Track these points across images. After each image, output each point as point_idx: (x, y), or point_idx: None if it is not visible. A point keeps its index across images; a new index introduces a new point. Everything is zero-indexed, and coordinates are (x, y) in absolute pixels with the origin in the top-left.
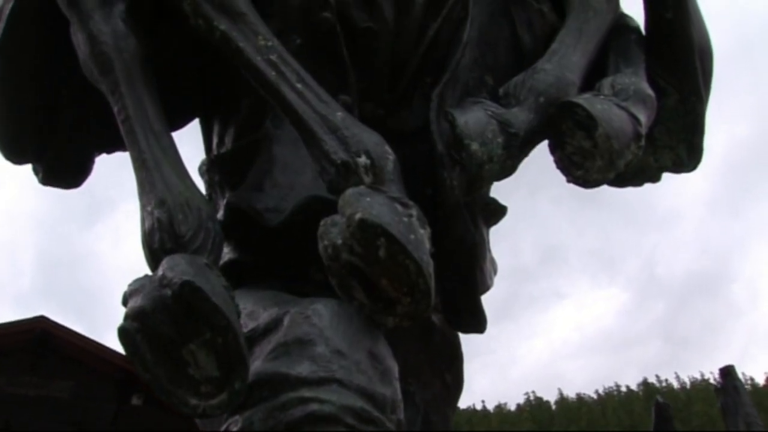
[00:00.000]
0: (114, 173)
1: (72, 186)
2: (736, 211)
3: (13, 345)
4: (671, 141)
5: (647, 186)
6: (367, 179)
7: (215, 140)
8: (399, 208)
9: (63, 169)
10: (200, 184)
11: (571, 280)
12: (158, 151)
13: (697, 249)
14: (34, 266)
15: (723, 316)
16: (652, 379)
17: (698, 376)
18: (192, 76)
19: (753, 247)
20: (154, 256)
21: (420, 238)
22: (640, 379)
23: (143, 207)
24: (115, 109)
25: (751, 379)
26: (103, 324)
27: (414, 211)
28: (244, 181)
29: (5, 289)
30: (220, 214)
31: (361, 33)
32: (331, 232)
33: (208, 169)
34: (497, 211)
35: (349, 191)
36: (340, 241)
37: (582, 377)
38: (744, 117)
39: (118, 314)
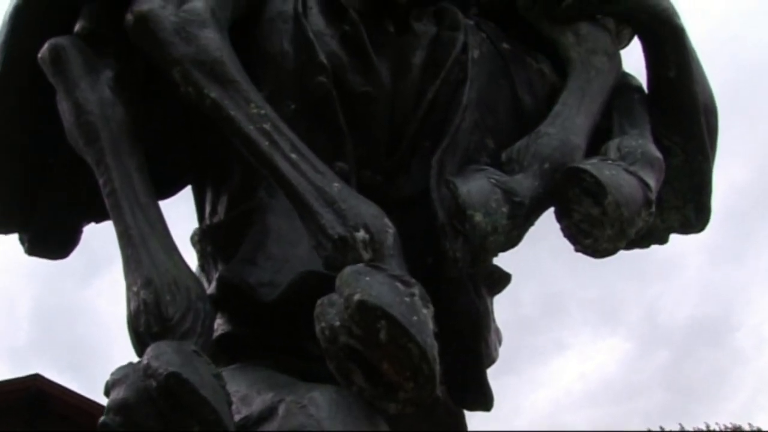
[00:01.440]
0: (112, 228)
1: (58, 257)
2: (737, 257)
3: (6, 404)
4: (678, 202)
5: None
6: (366, 255)
7: (208, 208)
8: (400, 287)
9: (50, 238)
10: (192, 255)
11: (573, 331)
12: (145, 226)
13: (699, 297)
14: (30, 320)
15: (728, 364)
16: (656, 429)
17: (703, 427)
18: (183, 141)
19: (756, 294)
20: (139, 339)
21: (423, 319)
22: (644, 429)
23: (129, 287)
24: (101, 181)
25: (759, 429)
26: (100, 381)
27: (416, 290)
28: (237, 252)
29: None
30: (212, 287)
31: (357, 98)
32: (329, 313)
33: (200, 239)
34: (501, 279)
35: (347, 270)
36: (338, 323)
37: (586, 428)
38: (741, 162)
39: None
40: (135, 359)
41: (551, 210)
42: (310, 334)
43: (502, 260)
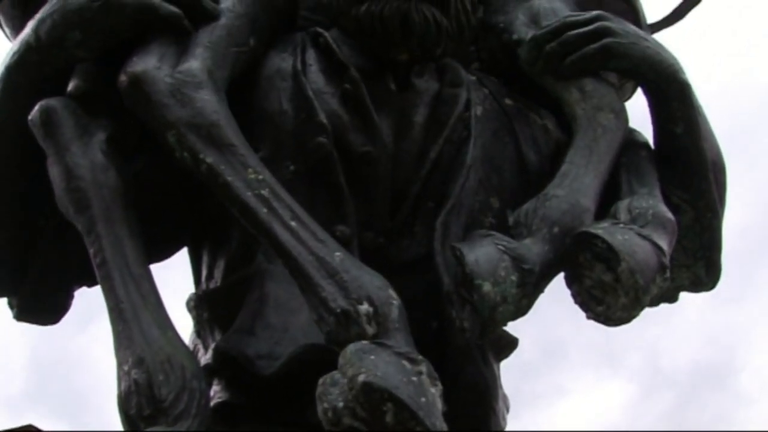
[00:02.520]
0: None
1: (48, 323)
2: (739, 299)
3: None
4: (688, 260)
5: None
6: (370, 329)
7: (204, 272)
8: (407, 365)
9: (40, 303)
10: (186, 324)
11: (574, 375)
12: (137, 299)
13: (701, 339)
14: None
15: (733, 407)
16: None
17: None
18: (179, 202)
19: (758, 335)
20: (130, 422)
21: (431, 400)
22: None
23: (119, 365)
24: (91, 251)
25: None
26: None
27: (424, 368)
28: (234, 321)
29: None
30: (208, 356)
31: (358, 158)
32: (331, 393)
33: (196, 305)
34: (509, 344)
35: (351, 348)
36: (341, 404)
37: None
38: (740, 203)
39: (111, 420)
40: None
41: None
42: (310, 402)
43: None
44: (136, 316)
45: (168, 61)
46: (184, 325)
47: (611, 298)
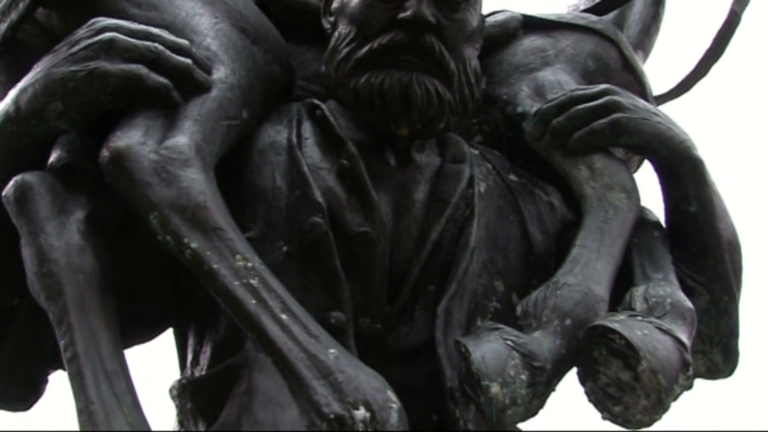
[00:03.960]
0: None
1: (21, 408)
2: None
3: None
4: (704, 346)
5: None
6: None
7: (189, 356)
8: None
9: (11, 389)
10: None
11: None
12: (110, 400)
13: None
14: None
15: None
16: None
17: None
18: (165, 281)
19: None
20: None
21: None
22: None
23: None
24: (62, 344)
25: None
26: None
27: None
28: (219, 413)
29: None
30: None
31: (355, 239)
32: None
33: (179, 393)
34: None
35: None
36: None
37: None
38: None
39: None
40: None
41: None
42: None
43: None
44: (107, 421)
45: (153, 136)
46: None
47: (630, 398)
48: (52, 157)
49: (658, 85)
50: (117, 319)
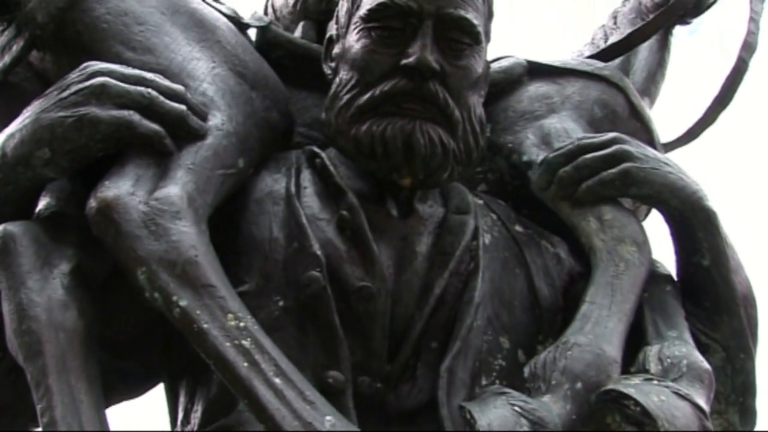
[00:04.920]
0: None
1: None
2: None
3: None
4: (720, 406)
5: None
6: None
7: (180, 414)
8: None
9: None
10: None
11: None
12: None
13: None
14: None
15: None
16: None
17: None
18: (154, 335)
19: None
20: None
21: None
22: None
23: None
24: (39, 407)
25: None
26: None
27: None
28: None
29: None
30: None
31: (355, 294)
32: None
33: None
34: None
35: None
36: None
37: None
38: None
39: None
40: None
41: None
42: None
43: None
44: None
45: (144, 186)
46: None
47: None
48: (41, 205)
49: (665, 132)
50: (100, 380)
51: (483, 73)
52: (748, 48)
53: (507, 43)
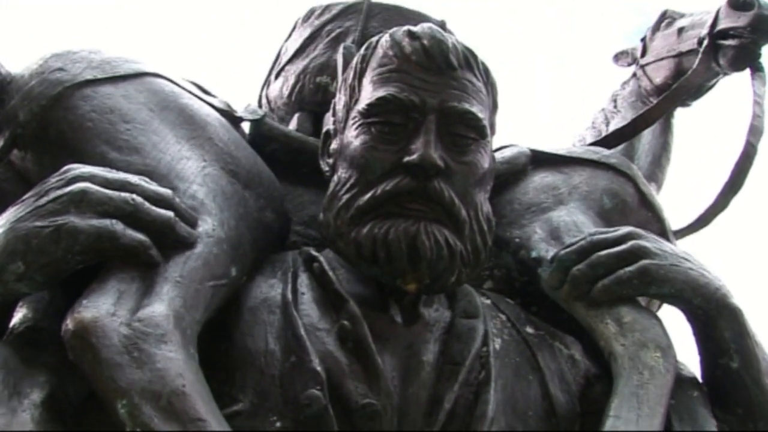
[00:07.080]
0: None
1: None
2: None
3: None
4: None
5: None
6: None
7: None
8: None
9: None
10: None
11: None
12: None
13: None
14: None
15: None
16: None
17: None
18: None
19: None
20: None
21: None
22: None
23: None
24: None
25: None
26: None
27: None
28: None
29: None
30: None
31: (359, 411)
32: None
33: None
34: None
35: None
36: None
37: None
38: None
39: None
40: None
41: None
42: None
43: None
44: None
45: (126, 304)
46: None
47: None
48: (15, 318)
49: (673, 218)
50: None
51: (489, 168)
52: (755, 132)
53: (505, 129)
